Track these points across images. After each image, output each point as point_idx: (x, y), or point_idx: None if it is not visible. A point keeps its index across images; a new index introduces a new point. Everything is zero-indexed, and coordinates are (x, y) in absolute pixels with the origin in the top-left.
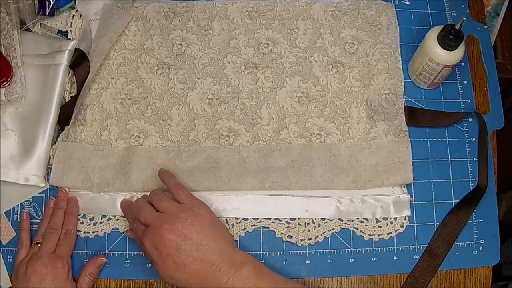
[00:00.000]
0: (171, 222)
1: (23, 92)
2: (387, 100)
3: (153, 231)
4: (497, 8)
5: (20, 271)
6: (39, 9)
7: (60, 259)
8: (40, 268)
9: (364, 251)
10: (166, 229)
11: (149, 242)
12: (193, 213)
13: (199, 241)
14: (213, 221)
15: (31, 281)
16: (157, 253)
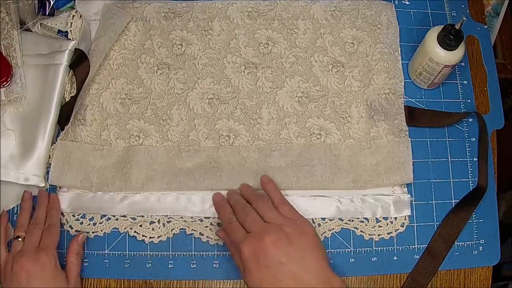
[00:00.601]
0: (276, 234)
1: (23, 92)
2: (387, 100)
3: (257, 239)
4: (497, 8)
5: (7, 269)
6: (39, 9)
7: (44, 251)
8: (26, 265)
9: (364, 251)
10: (270, 241)
11: (250, 249)
12: (299, 229)
13: (301, 258)
14: (317, 240)
15: (19, 279)
16: (255, 261)
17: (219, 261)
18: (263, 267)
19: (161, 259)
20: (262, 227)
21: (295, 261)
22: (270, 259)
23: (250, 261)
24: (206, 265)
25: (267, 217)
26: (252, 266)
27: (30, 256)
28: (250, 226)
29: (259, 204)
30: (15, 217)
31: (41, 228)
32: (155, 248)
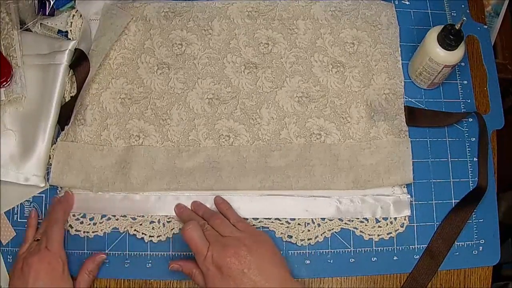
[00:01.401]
0: (236, 246)
1: (23, 92)
2: (387, 100)
3: (219, 251)
4: (497, 8)
5: (17, 267)
6: (39, 9)
7: (51, 252)
8: (35, 264)
9: (364, 251)
10: (231, 252)
11: (213, 260)
12: (257, 239)
13: (261, 267)
14: (275, 249)
15: (27, 277)
16: (218, 272)
17: None
18: (226, 278)
19: (161, 259)
20: (222, 240)
21: (256, 270)
22: (233, 269)
23: (213, 273)
24: None
25: (225, 232)
26: (215, 276)
27: (40, 255)
28: (209, 239)
29: (216, 221)
30: (15, 217)
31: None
32: (155, 248)
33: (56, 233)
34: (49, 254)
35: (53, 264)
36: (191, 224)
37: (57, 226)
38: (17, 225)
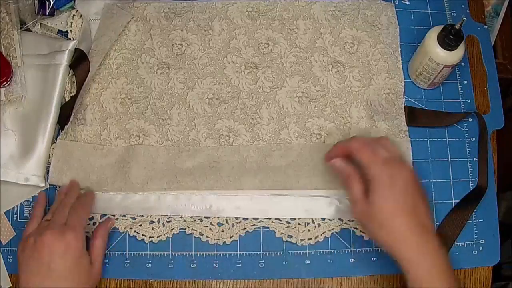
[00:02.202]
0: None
1: (23, 92)
2: (387, 100)
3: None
4: (497, 8)
5: (28, 244)
6: (39, 9)
7: (72, 230)
8: (49, 240)
9: (364, 251)
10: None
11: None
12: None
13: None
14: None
15: (40, 255)
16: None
17: (219, 261)
18: (400, 192)
19: (161, 259)
20: (395, 156)
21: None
22: (402, 180)
23: (383, 182)
24: (206, 265)
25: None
26: (383, 186)
27: (54, 231)
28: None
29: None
30: (15, 217)
31: (68, 208)
32: (155, 248)
33: (81, 213)
34: (67, 230)
35: (70, 240)
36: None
37: (84, 209)
38: (17, 225)
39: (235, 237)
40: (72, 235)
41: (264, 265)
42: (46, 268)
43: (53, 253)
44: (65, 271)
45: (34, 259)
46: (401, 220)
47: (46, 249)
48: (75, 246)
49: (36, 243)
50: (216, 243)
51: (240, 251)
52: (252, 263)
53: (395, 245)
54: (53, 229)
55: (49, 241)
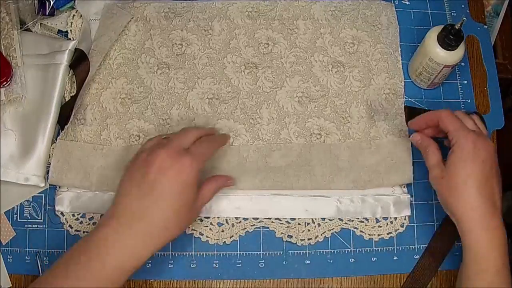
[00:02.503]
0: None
1: (23, 92)
2: (387, 100)
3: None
4: (497, 8)
5: (140, 158)
6: (39, 9)
7: (191, 156)
8: (163, 157)
9: (364, 251)
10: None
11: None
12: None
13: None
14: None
15: (147, 171)
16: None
17: (219, 261)
18: (479, 162)
19: (161, 259)
20: (485, 135)
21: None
22: (484, 152)
23: (466, 148)
24: (206, 265)
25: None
26: (465, 151)
27: (171, 151)
28: (471, 125)
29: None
30: (15, 217)
31: (196, 135)
32: None
33: (207, 147)
34: (185, 154)
35: (185, 165)
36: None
37: (213, 144)
38: (17, 225)
39: (235, 237)
40: (189, 161)
41: (264, 265)
42: (148, 186)
43: (162, 172)
44: (168, 194)
45: (140, 173)
46: (472, 188)
47: (156, 166)
48: (188, 173)
49: (147, 158)
50: (216, 243)
51: (240, 251)
52: (252, 263)
53: (460, 211)
54: (170, 149)
55: (161, 160)
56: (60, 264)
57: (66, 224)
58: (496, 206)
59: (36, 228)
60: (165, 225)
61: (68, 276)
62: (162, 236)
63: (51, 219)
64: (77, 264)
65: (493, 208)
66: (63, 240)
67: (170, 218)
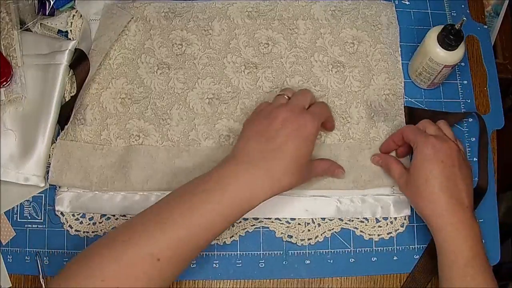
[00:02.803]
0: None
1: (23, 92)
2: (387, 100)
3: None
4: (497, 8)
5: (264, 111)
6: (39, 9)
7: (312, 115)
8: (287, 112)
9: (364, 251)
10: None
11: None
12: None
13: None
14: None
15: (270, 122)
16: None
17: (219, 261)
18: (438, 162)
19: None
20: (447, 137)
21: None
22: (442, 153)
23: (424, 150)
24: (206, 265)
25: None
26: (424, 154)
27: (294, 110)
28: (431, 131)
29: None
30: (15, 217)
31: (311, 98)
32: None
33: (324, 110)
34: (306, 113)
35: (306, 122)
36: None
37: (327, 110)
38: (17, 225)
39: (235, 237)
40: (310, 119)
41: (264, 265)
42: (272, 134)
43: (285, 125)
44: (290, 143)
45: (264, 124)
46: (433, 186)
47: (280, 119)
48: (309, 129)
49: (271, 113)
50: (216, 243)
51: (240, 251)
52: (252, 263)
53: (426, 209)
54: (293, 106)
55: (285, 114)
56: (175, 197)
57: (66, 224)
58: (462, 203)
59: (36, 228)
60: (285, 170)
61: (184, 201)
62: (281, 180)
63: (51, 219)
64: (194, 195)
65: (458, 205)
66: (63, 240)
67: (290, 165)
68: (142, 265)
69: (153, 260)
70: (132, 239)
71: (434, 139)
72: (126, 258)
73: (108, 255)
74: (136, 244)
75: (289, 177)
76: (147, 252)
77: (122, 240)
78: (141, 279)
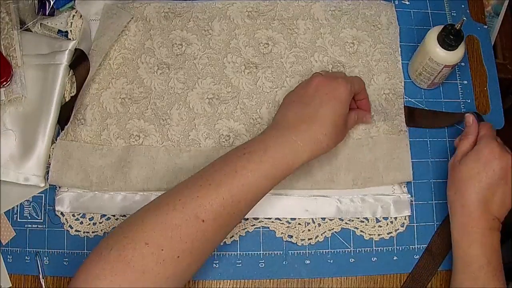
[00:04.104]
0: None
1: (23, 92)
2: (387, 100)
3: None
4: (497, 8)
5: (302, 83)
6: (39, 9)
7: (345, 79)
8: (320, 78)
9: (364, 251)
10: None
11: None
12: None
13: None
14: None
15: (309, 87)
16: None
17: (219, 261)
18: (489, 168)
19: None
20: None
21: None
22: (497, 162)
23: (481, 152)
24: (206, 265)
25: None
26: (479, 155)
27: (327, 76)
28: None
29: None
30: (15, 217)
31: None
32: None
33: (359, 81)
34: (342, 80)
35: (342, 88)
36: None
37: (362, 82)
38: (17, 225)
39: (235, 237)
40: (343, 82)
41: (264, 265)
42: (306, 100)
43: (320, 88)
44: (326, 104)
45: (300, 92)
46: (472, 187)
47: (314, 84)
48: (342, 91)
49: (306, 82)
50: None
51: (240, 251)
52: (252, 263)
53: (454, 204)
54: (326, 75)
55: (319, 80)
56: (219, 161)
57: (66, 224)
58: (489, 211)
59: (36, 228)
60: (323, 131)
61: (227, 164)
62: (321, 141)
63: (51, 219)
64: (237, 157)
65: (485, 212)
66: (63, 240)
67: (328, 126)
68: (186, 227)
69: (197, 222)
70: (177, 201)
71: (497, 145)
72: (170, 220)
73: (153, 219)
74: (182, 206)
75: (328, 138)
76: (191, 214)
77: (166, 203)
78: (185, 241)
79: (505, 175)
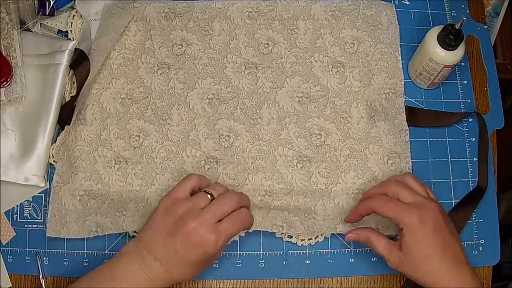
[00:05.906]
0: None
1: (23, 92)
2: (387, 100)
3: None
4: (497, 8)
5: (172, 213)
6: (39, 9)
7: (218, 235)
8: (191, 229)
9: (364, 251)
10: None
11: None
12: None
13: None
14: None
15: (177, 232)
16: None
17: (219, 261)
18: (431, 233)
19: None
20: (423, 199)
21: (448, 225)
22: (431, 221)
23: (413, 227)
24: None
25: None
26: (414, 231)
27: (203, 223)
28: (407, 199)
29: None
30: (15, 217)
31: (231, 208)
32: None
33: (238, 225)
34: (213, 236)
35: (210, 247)
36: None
37: (241, 224)
38: (17, 225)
39: (235, 237)
40: (213, 240)
41: (264, 265)
42: (174, 243)
43: (187, 239)
44: (190, 255)
45: (168, 225)
46: (434, 260)
47: (184, 233)
48: (211, 248)
49: (177, 222)
50: None
51: (240, 251)
52: (252, 263)
53: (430, 282)
54: (202, 220)
55: (190, 230)
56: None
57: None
58: (460, 259)
59: (36, 228)
60: (182, 272)
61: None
62: (173, 278)
63: None
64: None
65: (458, 266)
66: (63, 240)
67: (186, 272)
68: None
69: None
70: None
71: (418, 210)
72: None
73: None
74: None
75: (184, 277)
76: None
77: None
78: None
79: (442, 223)
